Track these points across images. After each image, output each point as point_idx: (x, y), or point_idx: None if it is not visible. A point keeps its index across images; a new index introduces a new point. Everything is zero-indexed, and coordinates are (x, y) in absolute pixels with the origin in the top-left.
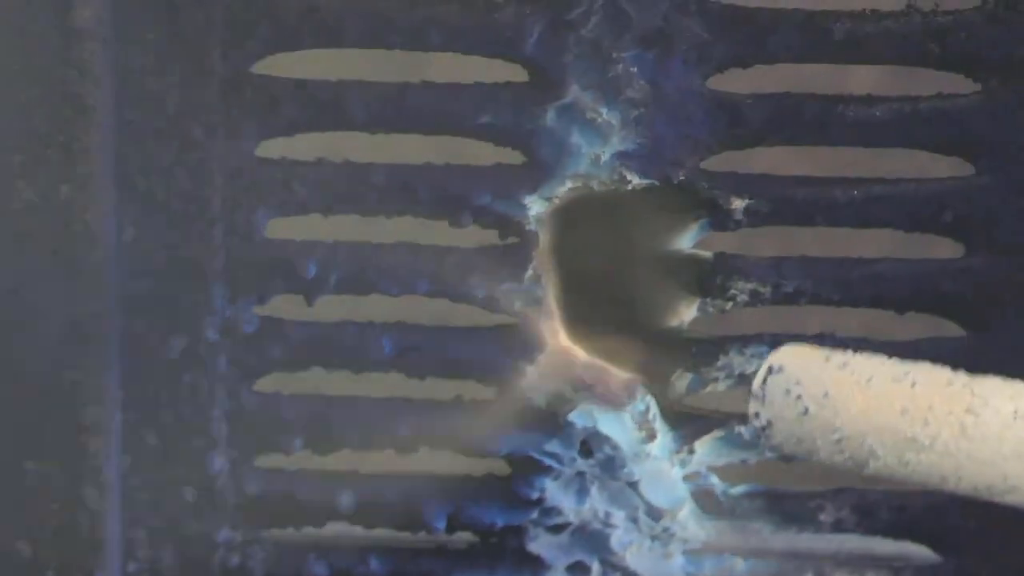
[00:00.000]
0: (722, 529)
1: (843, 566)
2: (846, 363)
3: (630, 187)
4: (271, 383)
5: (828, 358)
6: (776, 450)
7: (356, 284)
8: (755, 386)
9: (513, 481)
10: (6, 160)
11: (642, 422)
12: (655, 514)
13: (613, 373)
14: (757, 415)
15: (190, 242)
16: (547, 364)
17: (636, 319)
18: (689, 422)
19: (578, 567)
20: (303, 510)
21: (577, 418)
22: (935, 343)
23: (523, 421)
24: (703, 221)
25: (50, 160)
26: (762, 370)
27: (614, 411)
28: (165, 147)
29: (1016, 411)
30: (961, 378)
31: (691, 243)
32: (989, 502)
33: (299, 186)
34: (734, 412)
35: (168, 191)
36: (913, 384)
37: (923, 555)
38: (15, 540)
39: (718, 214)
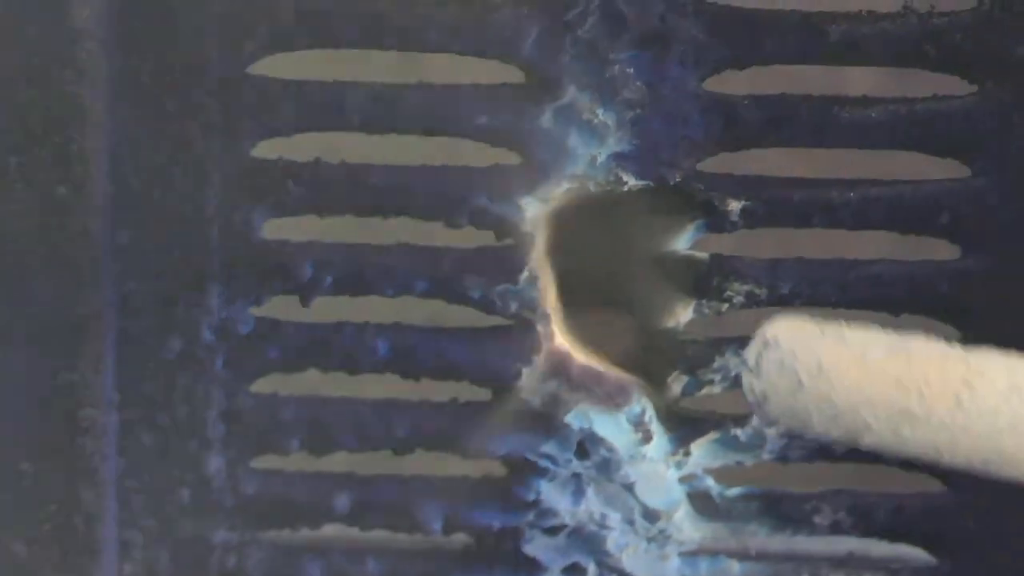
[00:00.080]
0: (718, 531)
1: (839, 568)
2: (841, 336)
3: (626, 188)
4: (267, 384)
5: (823, 330)
6: (771, 423)
7: (352, 285)
8: (750, 359)
9: (509, 483)
10: (2, 161)
11: (638, 424)
12: (651, 516)
13: (609, 375)
14: (751, 388)
15: (186, 243)
16: (543, 366)
17: (632, 321)
18: (685, 424)
19: (574, 569)
20: (299, 511)
21: (573, 420)
22: None
23: (519, 423)
24: (699, 222)
25: (46, 161)
26: (756, 343)
27: (610, 413)
28: (161, 148)
29: (1012, 384)
30: (957, 351)
31: (687, 244)
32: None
33: (295, 187)
34: (730, 414)
35: (164, 192)
36: (908, 356)
37: (920, 557)
38: (11, 541)
39: (714, 216)
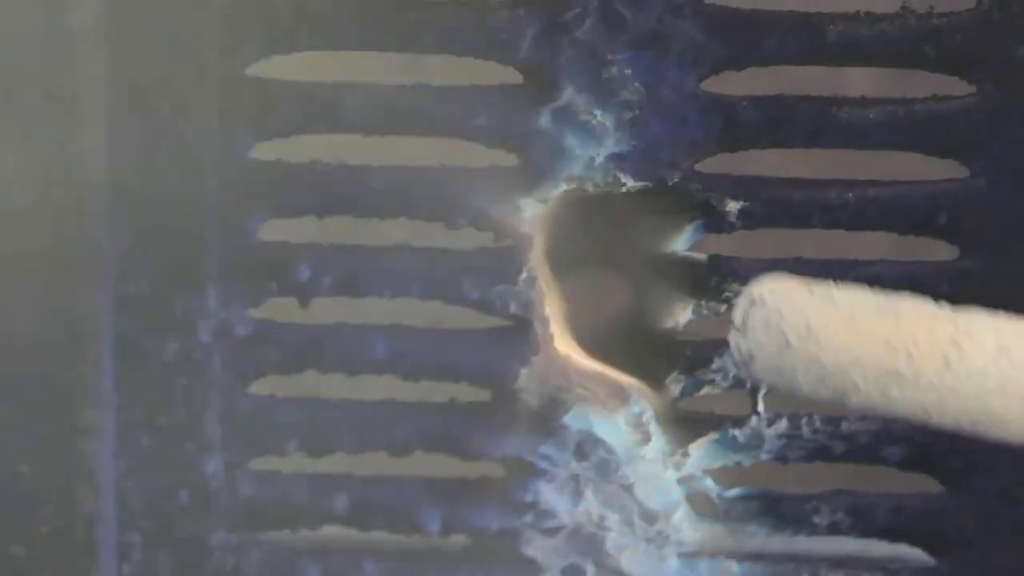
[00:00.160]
0: (717, 532)
1: (838, 568)
2: (829, 296)
3: (624, 189)
4: (266, 386)
5: (811, 290)
6: (757, 383)
7: (350, 286)
8: (737, 318)
9: (507, 484)
10: (0, 162)
11: (636, 425)
12: (649, 517)
13: (608, 376)
14: (738, 347)
15: (184, 245)
16: (541, 367)
17: (631, 322)
18: (684, 425)
19: (573, 570)
20: (298, 513)
21: (571, 421)
22: None
23: (517, 424)
24: (697, 223)
25: (44, 162)
26: (743, 302)
27: (608, 414)
28: (160, 149)
29: (1000, 345)
30: (946, 312)
31: (686, 245)
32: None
33: (294, 188)
34: (729, 415)
35: (162, 194)
36: (897, 317)
37: (918, 557)
38: (10, 543)
39: (713, 216)
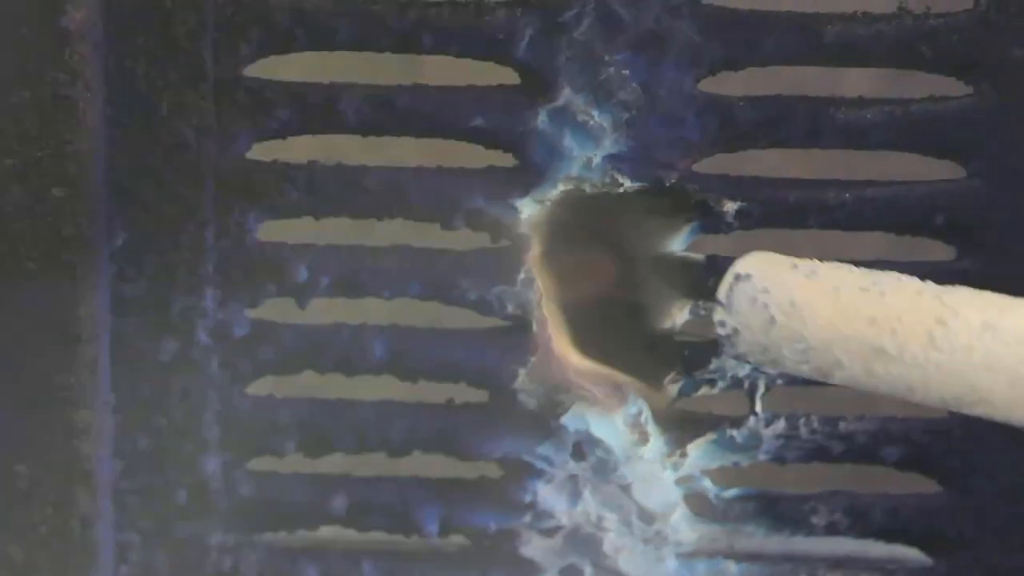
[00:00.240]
0: (715, 532)
1: (836, 569)
2: (814, 271)
3: (622, 190)
4: (263, 386)
5: (795, 266)
6: (742, 359)
7: (348, 287)
8: (721, 293)
9: (505, 484)
10: None
11: (634, 425)
12: (648, 517)
13: (605, 376)
14: (723, 323)
15: (181, 245)
16: (539, 367)
17: (628, 322)
18: (682, 425)
19: (571, 570)
20: (296, 513)
21: (569, 421)
22: None
23: (515, 424)
24: (695, 224)
25: (41, 163)
26: (728, 277)
27: (606, 414)
28: (156, 150)
29: (986, 322)
30: (931, 288)
31: (683, 246)
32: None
33: (291, 189)
34: (727, 415)
35: (159, 194)
36: (882, 293)
37: (916, 558)
38: (7, 544)
39: (710, 217)
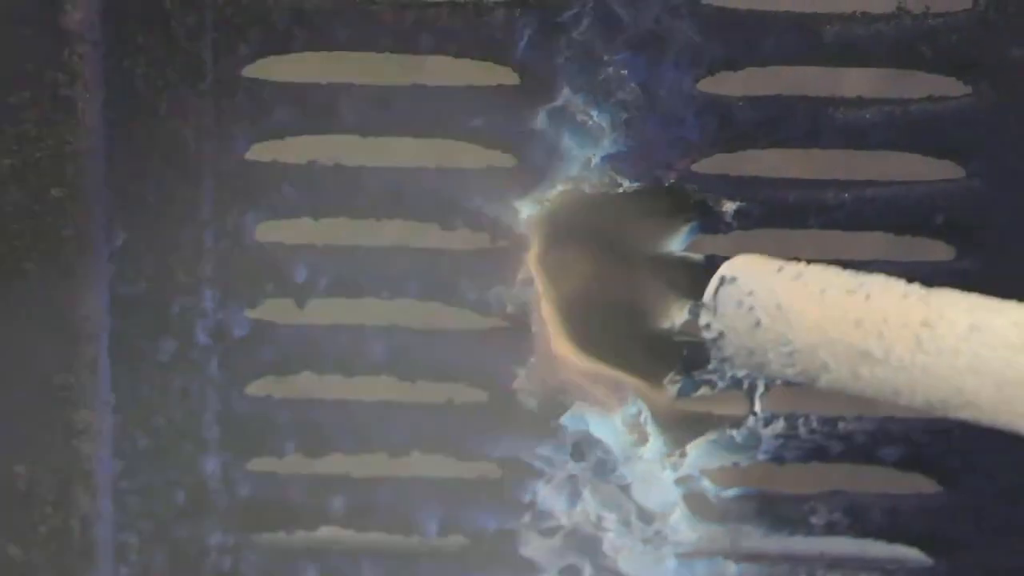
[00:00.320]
0: (714, 532)
1: (835, 569)
2: (800, 274)
3: (621, 190)
4: (262, 387)
5: (781, 268)
6: (728, 362)
7: (347, 287)
8: (707, 296)
9: (505, 484)
10: None
11: (634, 425)
12: (647, 517)
13: (604, 376)
14: (708, 326)
15: (180, 245)
16: (538, 367)
17: (627, 322)
18: (681, 425)
19: (570, 570)
20: (295, 514)
21: (568, 421)
22: None
23: (515, 424)
24: (694, 224)
25: (40, 163)
26: (714, 280)
27: (606, 414)
28: (155, 150)
29: (972, 324)
30: (917, 291)
31: (682, 246)
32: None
33: (290, 189)
34: (726, 415)
35: (158, 194)
36: (868, 296)
37: (915, 558)
38: (6, 544)
39: (709, 217)
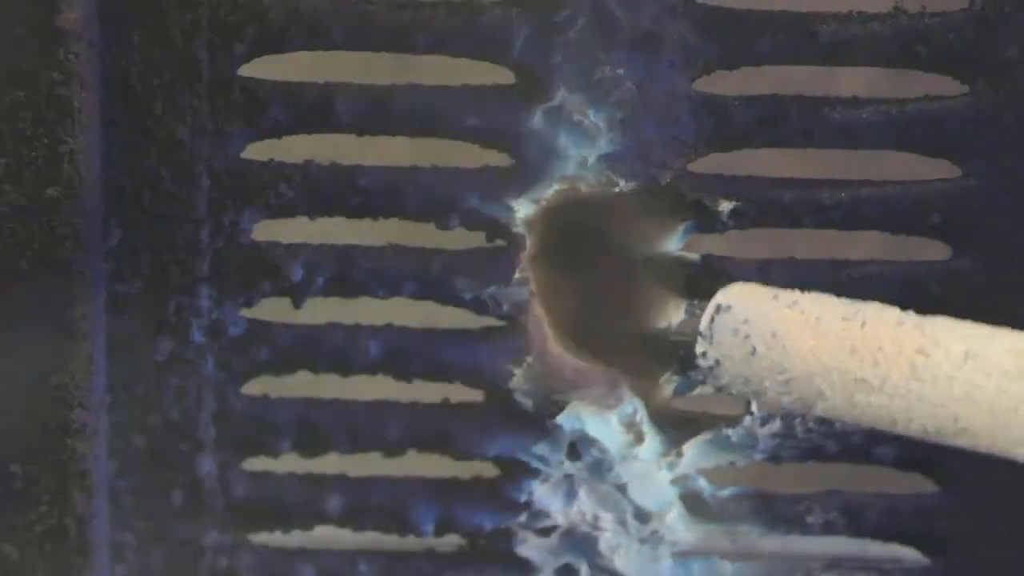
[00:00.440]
0: (710, 532)
1: (832, 568)
2: (795, 302)
3: (617, 189)
4: (258, 386)
5: (777, 296)
6: (724, 390)
7: (343, 287)
8: (703, 325)
9: (501, 484)
10: None
11: (630, 425)
12: (643, 517)
13: (601, 375)
14: (704, 355)
15: (176, 244)
16: (535, 367)
17: (624, 321)
18: (677, 425)
19: (567, 570)
20: (291, 513)
21: (565, 421)
22: None
23: (511, 424)
24: (690, 223)
25: (36, 162)
26: (709, 308)
27: (602, 414)
28: (151, 149)
29: (967, 352)
30: (912, 318)
31: (678, 245)
32: (980, 504)
33: (286, 188)
34: (723, 414)
35: (154, 193)
36: (863, 324)
37: (912, 557)
38: (2, 544)
39: (705, 216)
